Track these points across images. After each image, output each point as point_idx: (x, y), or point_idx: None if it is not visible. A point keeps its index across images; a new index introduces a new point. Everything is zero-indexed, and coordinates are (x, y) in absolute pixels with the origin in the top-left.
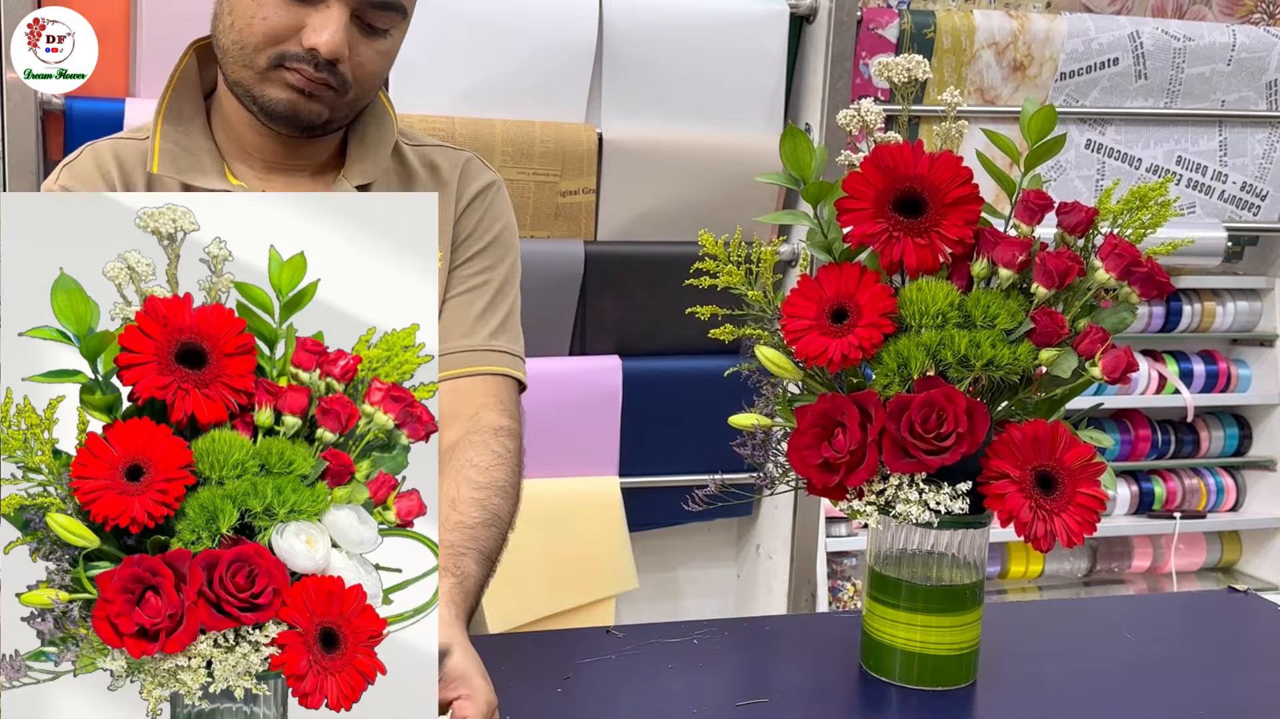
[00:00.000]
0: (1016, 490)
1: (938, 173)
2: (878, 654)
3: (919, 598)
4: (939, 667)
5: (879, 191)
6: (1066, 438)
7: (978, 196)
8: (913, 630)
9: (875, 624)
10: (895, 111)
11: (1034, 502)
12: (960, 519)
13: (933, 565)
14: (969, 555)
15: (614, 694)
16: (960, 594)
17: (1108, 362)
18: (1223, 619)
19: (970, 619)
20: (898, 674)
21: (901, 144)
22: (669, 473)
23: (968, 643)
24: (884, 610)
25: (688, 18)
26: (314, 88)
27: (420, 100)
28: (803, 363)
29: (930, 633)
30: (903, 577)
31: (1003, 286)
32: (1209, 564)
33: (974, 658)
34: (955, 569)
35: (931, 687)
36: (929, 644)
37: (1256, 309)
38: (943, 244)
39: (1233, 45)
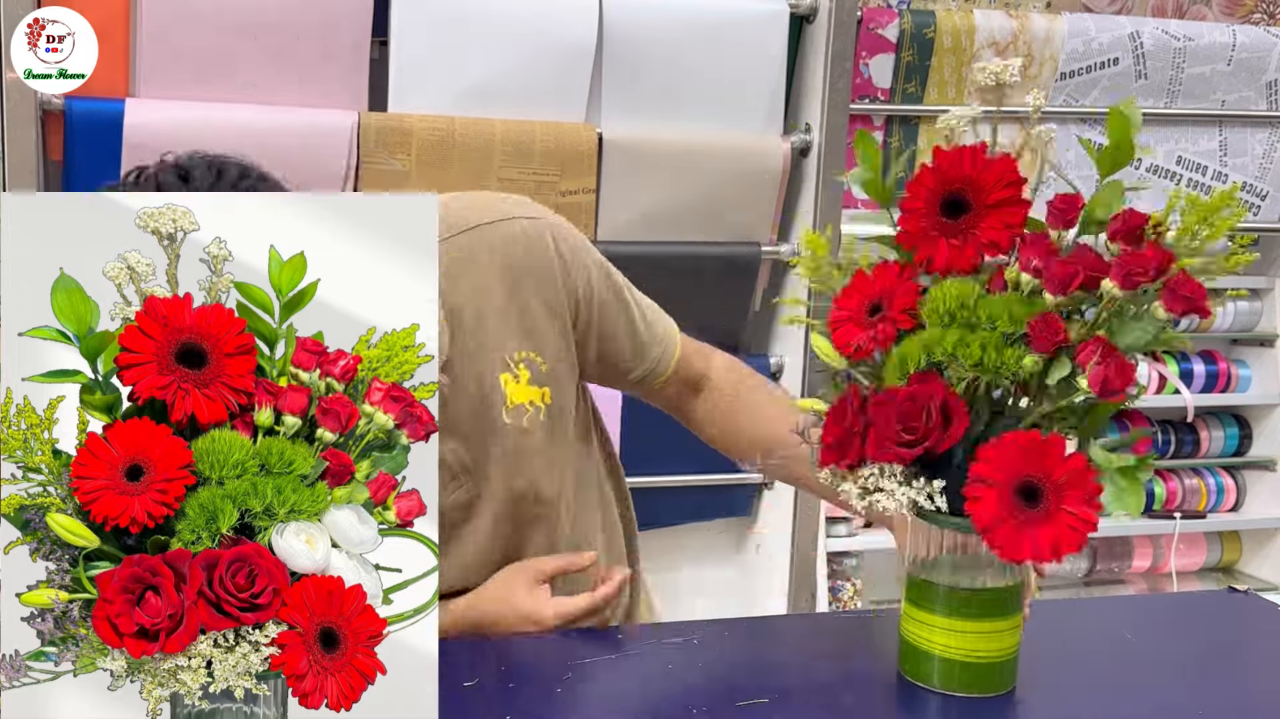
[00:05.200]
0: (993, 496)
1: (985, 174)
2: (915, 660)
3: (957, 603)
4: (979, 673)
5: (930, 192)
6: (1059, 451)
7: (1021, 199)
8: (950, 636)
9: (912, 629)
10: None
11: (1009, 510)
12: (957, 521)
13: (970, 570)
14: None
15: (614, 694)
16: (999, 599)
17: (1093, 375)
18: (1223, 619)
19: (1010, 625)
20: (936, 680)
21: (964, 147)
22: (669, 473)
23: (1007, 649)
24: (922, 615)
25: (688, 18)
26: None
27: (420, 100)
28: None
29: (968, 639)
30: (940, 581)
31: (1024, 291)
32: (1209, 564)
33: (1013, 664)
34: (994, 574)
35: (972, 693)
36: (968, 651)
37: (1256, 309)
38: (976, 246)
39: (1233, 45)
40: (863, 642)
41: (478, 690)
